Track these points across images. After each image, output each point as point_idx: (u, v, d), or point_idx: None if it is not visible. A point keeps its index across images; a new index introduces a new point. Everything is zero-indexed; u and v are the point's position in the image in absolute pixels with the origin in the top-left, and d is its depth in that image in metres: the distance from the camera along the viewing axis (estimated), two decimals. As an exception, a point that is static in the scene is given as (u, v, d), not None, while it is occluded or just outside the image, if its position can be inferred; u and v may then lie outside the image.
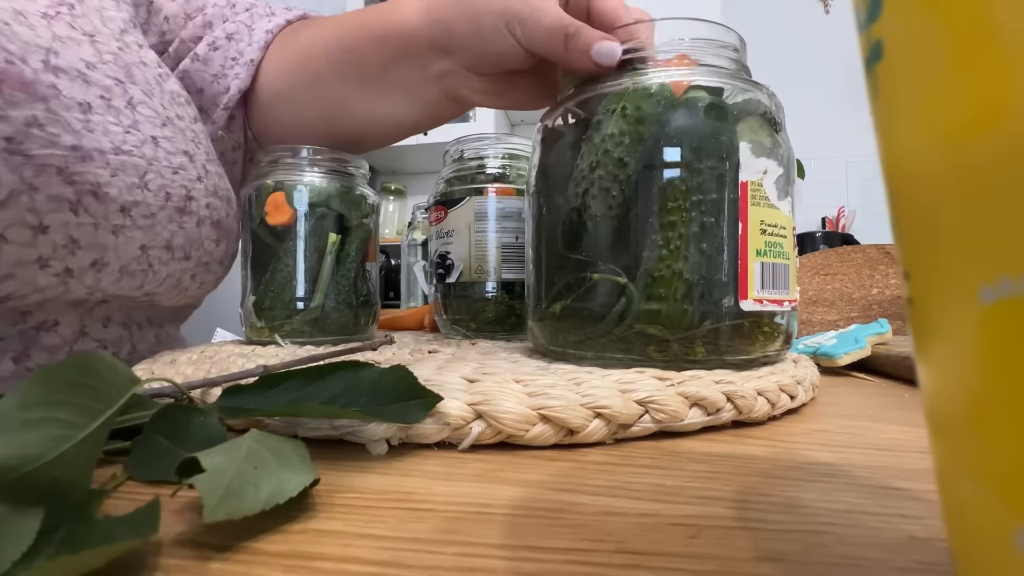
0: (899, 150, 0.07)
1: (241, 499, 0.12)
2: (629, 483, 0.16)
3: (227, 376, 0.23)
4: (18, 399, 0.12)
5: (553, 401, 0.19)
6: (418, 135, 0.49)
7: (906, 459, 0.18)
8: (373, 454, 0.18)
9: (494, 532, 0.13)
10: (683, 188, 0.25)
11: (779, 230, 0.26)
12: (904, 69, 0.07)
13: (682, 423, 0.20)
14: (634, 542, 0.12)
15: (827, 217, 1.94)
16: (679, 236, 0.25)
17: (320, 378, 0.19)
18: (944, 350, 0.07)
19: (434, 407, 0.18)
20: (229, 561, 0.11)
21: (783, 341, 0.27)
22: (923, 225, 0.07)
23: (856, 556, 0.11)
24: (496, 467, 0.17)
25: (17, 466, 0.11)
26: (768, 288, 0.25)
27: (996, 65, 0.06)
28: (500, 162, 0.46)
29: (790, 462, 0.17)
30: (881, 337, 0.38)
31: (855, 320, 0.61)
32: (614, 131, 0.26)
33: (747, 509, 0.14)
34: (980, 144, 0.06)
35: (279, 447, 0.15)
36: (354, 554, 0.12)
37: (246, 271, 0.41)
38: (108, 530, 0.11)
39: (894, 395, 0.29)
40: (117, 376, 0.15)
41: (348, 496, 0.15)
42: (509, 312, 0.43)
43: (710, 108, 0.25)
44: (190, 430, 0.17)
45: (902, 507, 0.14)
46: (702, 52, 0.27)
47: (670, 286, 0.24)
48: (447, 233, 0.45)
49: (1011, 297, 0.06)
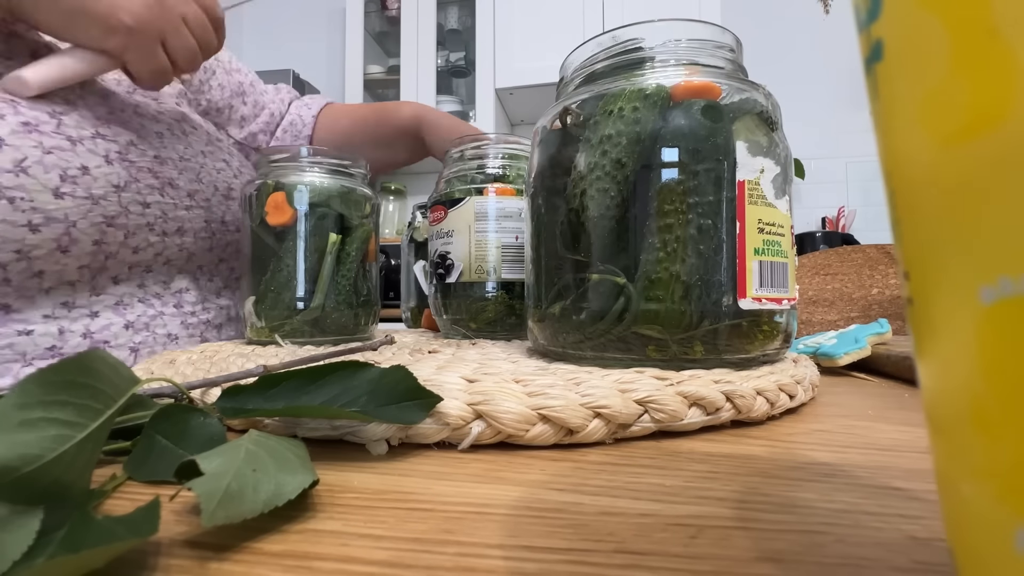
0: (899, 150, 0.07)
1: (240, 502, 0.12)
2: (629, 483, 0.16)
3: (227, 376, 0.23)
4: (17, 399, 0.12)
5: (553, 401, 0.19)
6: None
7: (906, 459, 0.18)
8: (373, 454, 0.18)
9: (494, 532, 0.13)
10: (680, 190, 0.25)
11: (777, 229, 0.26)
12: (904, 69, 0.07)
13: (681, 423, 0.20)
14: (634, 542, 0.12)
15: (827, 217, 1.94)
16: (676, 239, 0.25)
17: (320, 378, 0.19)
18: (944, 350, 0.07)
19: (434, 408, 0.18)
20: (229, 561, 0.11)
21: (782, 340, 0.27)
22: (923, 225, 0.07)
23: (856, 556, 0.11)
24: (496, 467, 0.17)
25: (17, 466, 0.11)
26: (767, 287, 0.25)
27: (996, 65, 0.06)
28: (500, 162, 0.46)
29: (790, 462, 0.17)
30: (881, 337, 0.38)
31: (855, 320, 0.61)
32: (611, 132, 0.26)
33: (747, 509, 0.14)
34: (980, 144, 0.06)
35: (278, 448, 0.15)
36: (354, 554, 0.12)
37: (246, 271, 0.41)
38: (108, 530, 0.11)
39: (894, 395, 0.29)
40: (117, 376, 0.15)
41: (348, 496, 0.15)
42: (509, 312, 0.43)
43: (706, 109, 0.25)
44: (190, 430, 0.17)
45: (902, 507, 0.14)
46: (698, 53, 0.27)
47: (668, 288, 0.24)
48: (447, 233, 0.45)
49: (1011, 297, 0.06)
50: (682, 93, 0.26)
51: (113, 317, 0.40)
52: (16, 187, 0.32)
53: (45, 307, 0.37)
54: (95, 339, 0.39)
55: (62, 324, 0.38)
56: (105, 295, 0.40)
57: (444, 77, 2.08)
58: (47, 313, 0.37)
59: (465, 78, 2.11)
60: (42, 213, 0.33)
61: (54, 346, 0.37)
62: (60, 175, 0.34)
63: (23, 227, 0.33)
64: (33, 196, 0.33)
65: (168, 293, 0.44)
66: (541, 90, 1.87)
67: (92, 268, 0.38)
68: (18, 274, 0.35)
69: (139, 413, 0.18)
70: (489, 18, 1.90)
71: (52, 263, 0.35)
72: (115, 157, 0.38)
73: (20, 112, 0.33)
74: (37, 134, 0.34)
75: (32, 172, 0.33)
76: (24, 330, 0.36)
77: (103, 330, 0.40)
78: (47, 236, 0.34)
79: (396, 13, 2.06)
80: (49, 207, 0.33)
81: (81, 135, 0.36)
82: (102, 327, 0.40)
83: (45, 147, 0.33)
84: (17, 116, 0.33)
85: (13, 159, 0.32)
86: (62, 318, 0.38)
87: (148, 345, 0.42)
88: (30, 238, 0.33)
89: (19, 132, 0.33)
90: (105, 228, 0.37)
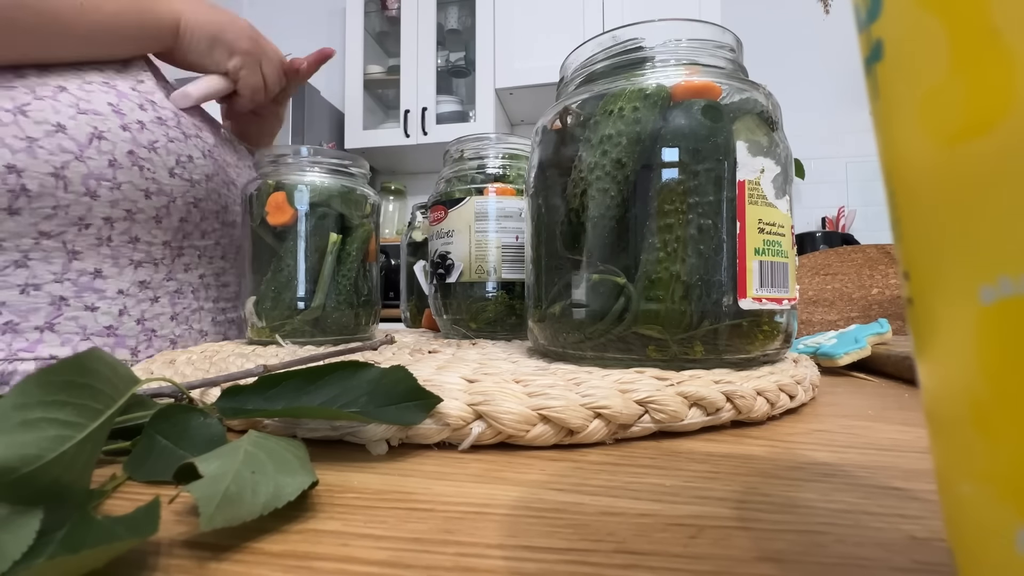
0: (899, 150, 0.07)
1: (239, 505, 0.12)
2: (629, 483, 0.16)
3: (227, 376, 0.23)
4: (17, 399, 0.12)
5: (553, 401, 0.19)
6: (418, 135, 0.59)
7: (906, 459, 0.18)
8: (373, 454, 0.18)
9: (494, 532, 0.13)
10: (680, 190, 0.25)
11: (777, 229, 0.26)
12: (904, 69, 0.07)
13: (682, 423, 0.20)
14: (634, 542, 0.12)
15: (827, 217, 1.94)
16: (676, 239, 0.25)
17: (320, 378, 0.19)
18: (944, 350, 0.07)
19: (434, 408, 0.18)
20: (229, 561, 0.11)
21: (783, 340, 0.27)
22: (923, 225, 0.07)
23: (856, 556, 0.11)
24: (496, 467, 0.17)
25: (17, 466, 0.11)
26: (767, 287, 0.25)
27: (996, 65, 0.06)
28: (500, 162, 0.46)
29: (790, 462, 0.17)
30: (881, 337, 0.38)
31: (855, 320, 0.61)
32: (612, 132, 0.26)
33: (747, 509, 0.14)
34: (980, 144, 0.06)
35: (277, 449, 0.15)
36: (354, 554, 0.12)
37: (247, 271, 0.41)
38: (108, 530, 0.11)
39: (894, 395, 0.29)
40: (116, 376, 0.15)
41: (348, 496, 0.15)
42: (509, 312, 0.43)
43: (706, 109, 0.25)
44: (190, 430, 0.17)
45: (902, 507, 0.14)
46: (698, 53, 0.27)
47: (668, 288, 0.24)
48: (447, 233, 0.45)
49: (1011, 297, 0.06)
50: (682, 93, 0.26)
51: (167, 306, 0.46)
52: (147, 160, 0.42)
53: (126, 280, 0.43)
54: (146, 326, 0.45)
55: (126, 303, 0.43)
56: (173, 280, 0.47)
57: (444, 77, 2.08)
58: (123, 288, 0.43)
59: (465, 78, 2.11)
60: (157, 184, 0.43)
61: (111, 326, 0.43)
62: (176, 159, 0.45)
63: (141, 191, 0.42)
64: (156, 170, 0.43)
65: (216, 285, 0.52)
66: (541, 90, 1.87)
67: (173, 248, 0.46)
68: (120, 235, 0.42)
69: (139, 413, 0.18)
70: (489, 18, 1.90)
71: (147, 231, 0.44)
72: (207, 153, 0.48)
73: (157, 110, 0.44)
74: (165, 127, 0.44)
75: (159, 152, 0.43)
76: (91, 305, 0.41)
77: (154, 318, 0.45)
78: (153, 204, 0.43)
79: (396, 13, 2.06)
80: (163, 181, 0.43)
81: (190, 133, 0.47)
82: (155, 315, 0.45)
83: (169, 137, 0.44)
84: (155, 112, 0.44)
85: (149, 140, 0.43)
86: (131, 296, 0.43)
87: (184, 339, 0.48)
88: (142, 202, 0.43)
89: (155, 123, 0.44)
90: (192, 208, 0.47)
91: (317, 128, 2.00)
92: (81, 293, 0.41)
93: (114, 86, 0.42)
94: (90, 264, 0.41)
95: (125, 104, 0.42)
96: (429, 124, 1.96)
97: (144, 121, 0.42)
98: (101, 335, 0.42)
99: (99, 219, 0.41)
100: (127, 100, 0.42)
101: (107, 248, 0.42)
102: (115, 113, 0.41)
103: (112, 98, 0.41)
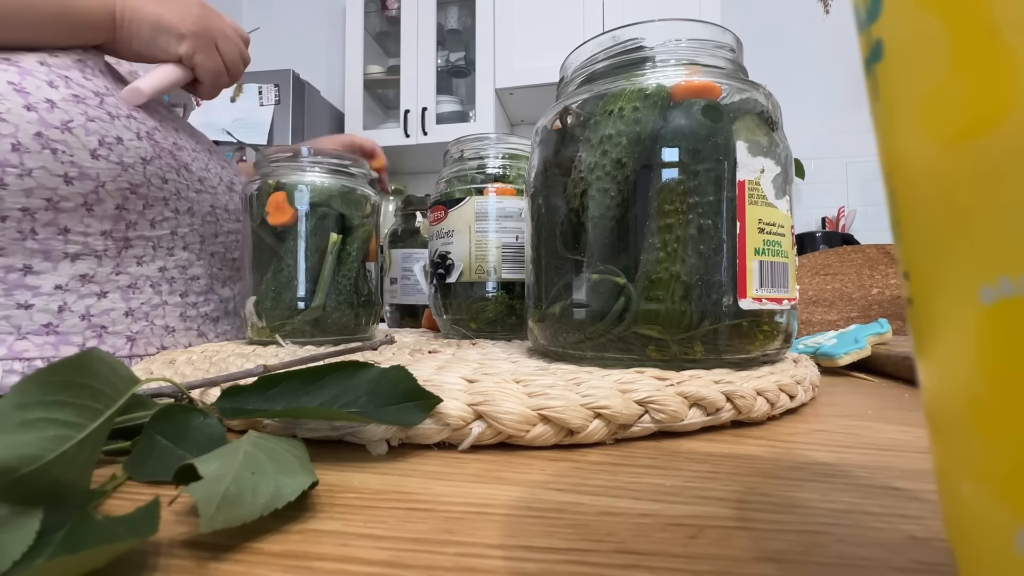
0: (899, 150, 0.07)
1: (238, 506, 0.12)
2: (629, 483, 0.16)
3: (227, 376, 0.23)
4: (17, 399, 0.12)
5: (553, 401, 0.19)
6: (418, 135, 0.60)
7: (906, 459, 0.18)
8: (373, 454, 0.18)
9: (493, 532, 0.13)
10: (680, 190, 0.25)
11: (777, 228, 0.26)
12: (904, 69, 0.07)
13: (682, 423, 0.20)
14: (634, 542, 0.12)
15: (827, 217, 1.94)
16: (676, 239, 0.25)
17: (320, 378, 0.19)
18: (944, 350, 0.07)
19: (434, 409, 0.18)
20: (229, 561, 0.11)
21: (783, 340, 0.27)
22: (923, 225, 0.07)
23: (856, 556, 0.11)
24: (496, 467, 0.17)
25: (17, 466, 0.11)
26: (767, 287, 0.25)
27: (996, 65, 0.06)
28: (500, 162, 0.46)
29: (790, 462, 0.17)
30: (881, 337, 0.38)
31: (855, 320, 0.61)
32: (612, 132, 0.26)
33: (747, 509, 0.14)
34: (980, 144, 0.06)
35: (277, 450, 0.15)
36: (354, 554, 0.12)
37: (247, 271, 0.41)
38: (108, 530, 0.11)
39: (894, 395, 0.29)
40: (116, 376, 0.15)
41: (348, 496, 0.15)
42: (509, 312, 0.43)
43: (706, 109, 0.25)
44: (189, 430, 0.17)
45: (902, 507, 0.14)
46: (698, 52, 0.27)
47: (668, 288, 0.24)
48: (447, 233, 0.45)
49: (1011, 297, 0.06)
50: (682, 93, 0.26)
51: (119, 302, 0.43)
52: (60, 142, 0.38)
53: (64, 275, 0.40)
54: (93, 322, 0.41)
55: (66, 299, 0.40)
56: (124, 274, 0.43)
57: (444, 77, 2.08)
58: (60, 283, 0.40)
59: (465, 78, 2.11)
60: (78, 168, 0.39)
61: (50, 323, 0.40)
62: (99, 140, 0.40)
63: (59, 177, 0.38)
64: (74, 152, 0.39)
65: (182, 278, 0.48)
66: (541, 90, 1.87)
67: (116, 239, 0.42)
68: (45, 227, 0.39)
69: (139, 413, 0.18)
70: (489, 18, 1.90)
71: (77, 221, 0.40)
72: (144, 135, 0.44)
73: (71, 87, 0.40)
74: (83, 105, 0.40)
75: (76, 132, 0.39)
76: (24, 303, 0.39)
77: (103, 314, 0.42)
78: (77, 190, 0.39)
79: (396, 13, 2.06)
80: (85, 164, 0.39)
81: (119, 113, 0.42)
82: (103, 311, 0.42)
83: (89, 116, 0.40)
84: (69, 89, 0.39)
85: (61, 120, 0.38)
86: (71, 292, 0.40)
87: (145, 336, 0.45)
88: (63, 188, 0.39)
89: (69, 100, 0.39)
90: (128, 195, 0.42)
91: (317, 128, 2.00)
92: (11, 291, 0.38)
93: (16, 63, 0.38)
94: (16, 260, 0.38)
95: (29, 82, 0.38)
96: (429, 124, 1.96)
97: (54, 100, 0.38)
98: (39, 333, 0.39)
99: (15, 210, 0.37)
100: (32, 77, 0.38)
101: (33, 242, 0.39)
102: (16, 92, 0.37)
103: (13, 76, 0.37)
